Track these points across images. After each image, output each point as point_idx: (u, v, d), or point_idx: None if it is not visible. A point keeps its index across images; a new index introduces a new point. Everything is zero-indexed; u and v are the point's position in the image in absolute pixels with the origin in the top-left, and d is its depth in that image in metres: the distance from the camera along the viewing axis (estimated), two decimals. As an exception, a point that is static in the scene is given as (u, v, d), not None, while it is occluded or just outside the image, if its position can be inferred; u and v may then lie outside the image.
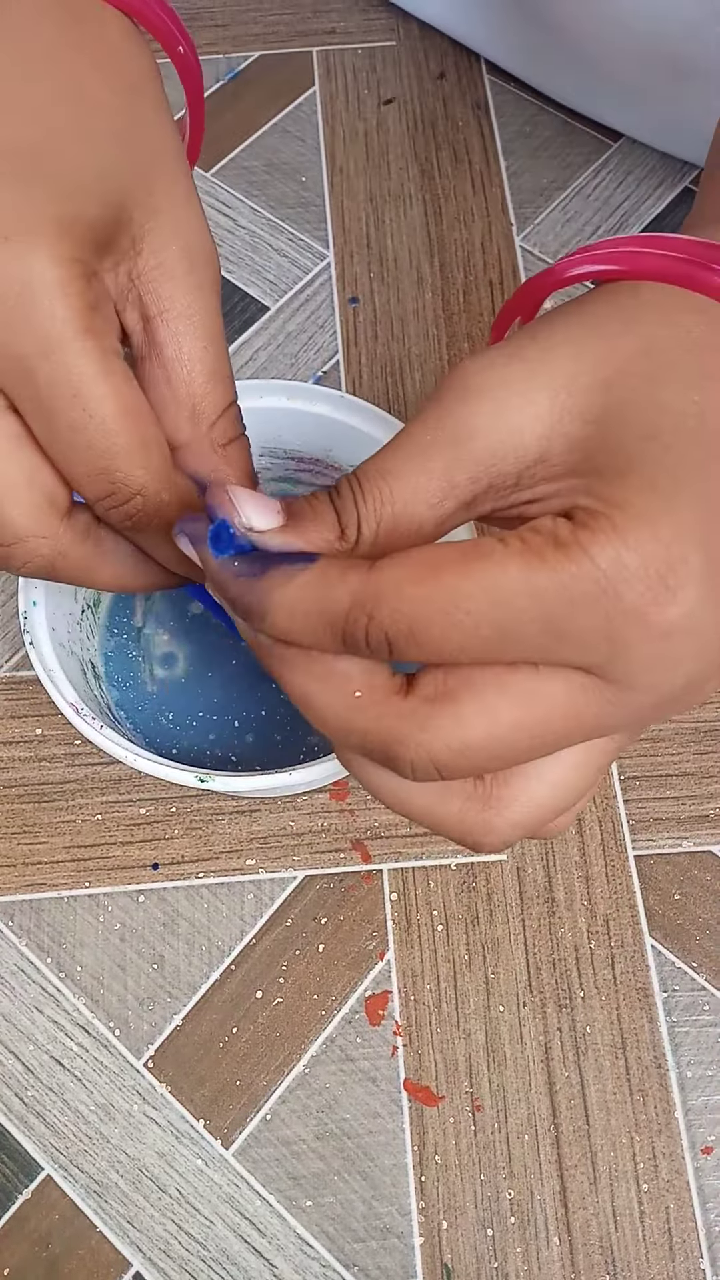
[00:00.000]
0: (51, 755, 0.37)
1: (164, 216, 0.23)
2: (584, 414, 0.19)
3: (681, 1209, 0.31)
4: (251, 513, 0.20)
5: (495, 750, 0.19)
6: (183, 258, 0.24)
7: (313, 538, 0.20)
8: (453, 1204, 0.31)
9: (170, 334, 0.24)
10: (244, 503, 0.20)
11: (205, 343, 0.24)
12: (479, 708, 0.19)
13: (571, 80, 0.50)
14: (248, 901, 0.35)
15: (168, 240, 0.23)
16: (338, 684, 0.20)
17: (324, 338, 0.46)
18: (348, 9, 0.55)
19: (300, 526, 0.20)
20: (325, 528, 0.20)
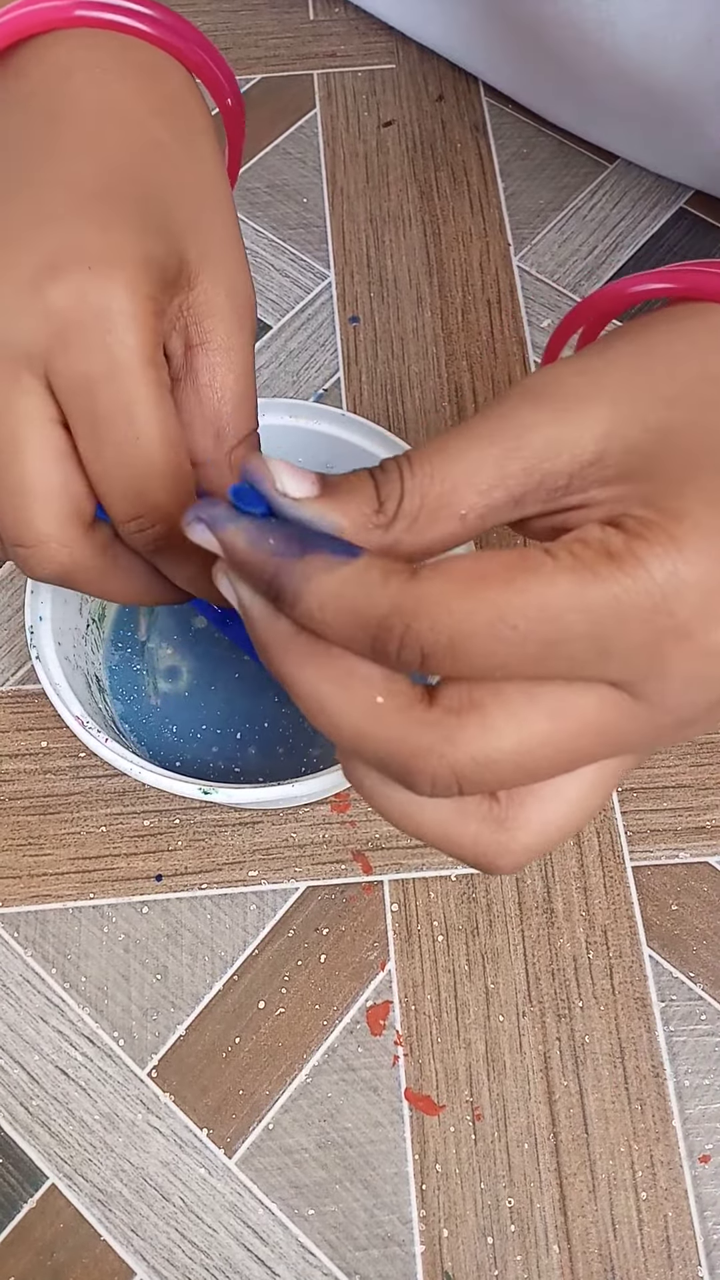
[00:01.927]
0: (56, 768, 0.38)
1: (214, 257, 0.25)
2: (644, 422, 0.19)
3: (680, 1217, 0.31)
4: (287, 479, 0.20)
5: (521, 764, 0.18)
6: (227, 296, 0.25)
7: (348, 509, 0.19)
8: (453, 1212, 0.32)
9: (207, 363, 0.25)
10: (279, 469, 0.20)
11: (238, 374, 0.26)
12: (508, 720, 0.18)
13: (568, 104, 0.51)
14: (250, 912, 0.35)
15: (216, 279, 0.25)
16: (358, 688, 0.19)
17: (325, 356, 0.46)
18: (348, 33, 0.56)
19: (335, 497, 0.19)
20: (362, 500, 0.19)
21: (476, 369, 0.46)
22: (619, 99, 0.47)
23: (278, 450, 0.37)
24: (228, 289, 0.25)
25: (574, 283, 0.48)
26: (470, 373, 0.46)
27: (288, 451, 0.37)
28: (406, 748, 0.19)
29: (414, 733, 0.19)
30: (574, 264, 0.49)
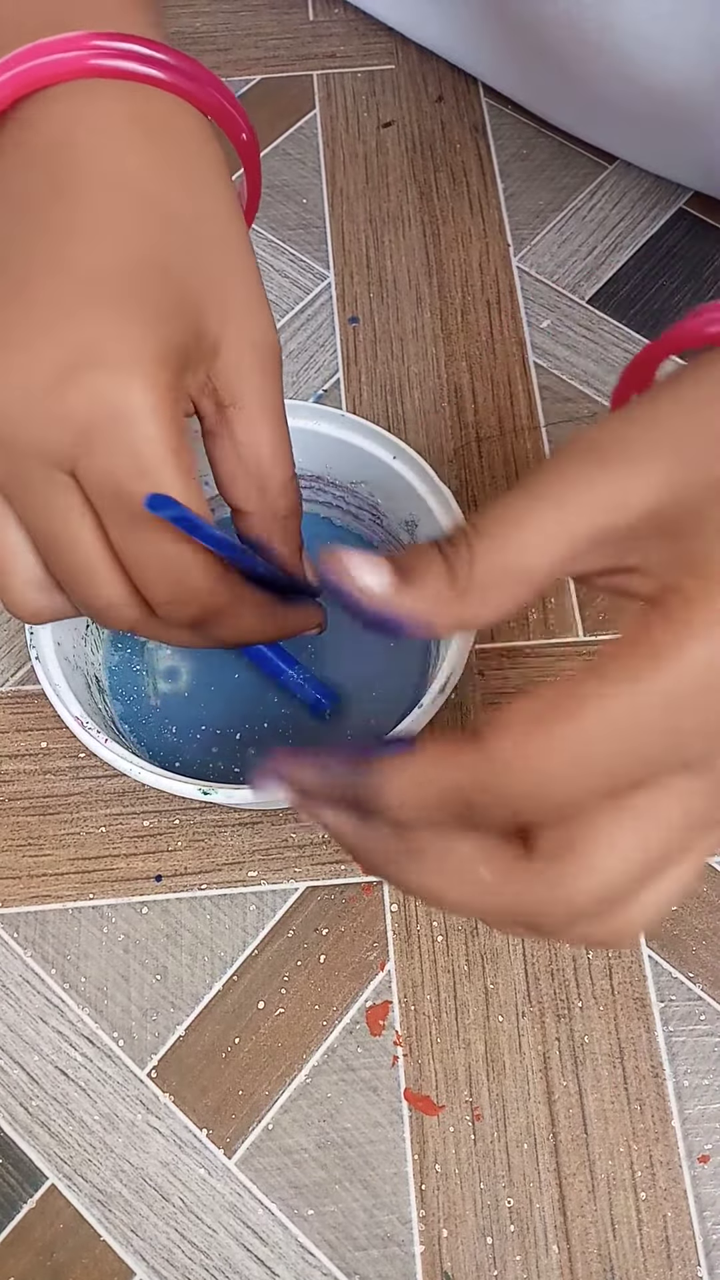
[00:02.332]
0: (56, 768, 0.38)
1: (236, 318, 0.25)
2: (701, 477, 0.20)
3: (679, 1217, 0.31)
4: (364, 573, 0.21)
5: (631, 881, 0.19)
6: (253, 354, 0.26)
7: (424, 591, 0.20)
8: (453, 1212, 0.32)
9: (242, 420, 0.26)
10: (355, 565, 0.21)
11: (271, 425, 0.26)
12: (608, 853, 0.19)
13: (568, 105, 0.51)
14: (250, 913, 0.36)
15: (240, 340, 0.25)
16: (463, 874, 0.20)
17: (324, 357, 0.46)
18: (348, 33, 0.56)
19: (410, 581, 0.20)
20: (435, 578, 0.20)
21: (476, 369, 0.46)
22: (619, 100, 0.47)
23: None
24: (252, 345, 0.26)
25: (573, 283, 0.48)
26: (470, 373, 0.46)
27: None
28: (524, 908, 0.20)
29: (526, 895, 0.20)
30: (573, 264, 0.49)
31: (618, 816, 0.19)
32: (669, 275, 0.48)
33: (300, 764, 0.21)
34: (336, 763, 0.20)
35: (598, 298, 0.48)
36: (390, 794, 0.20)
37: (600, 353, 0.46)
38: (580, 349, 0.46)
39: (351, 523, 0.40)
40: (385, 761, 0.20)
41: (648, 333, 0.47)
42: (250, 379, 0.26)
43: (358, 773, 0.20)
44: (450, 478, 0.43)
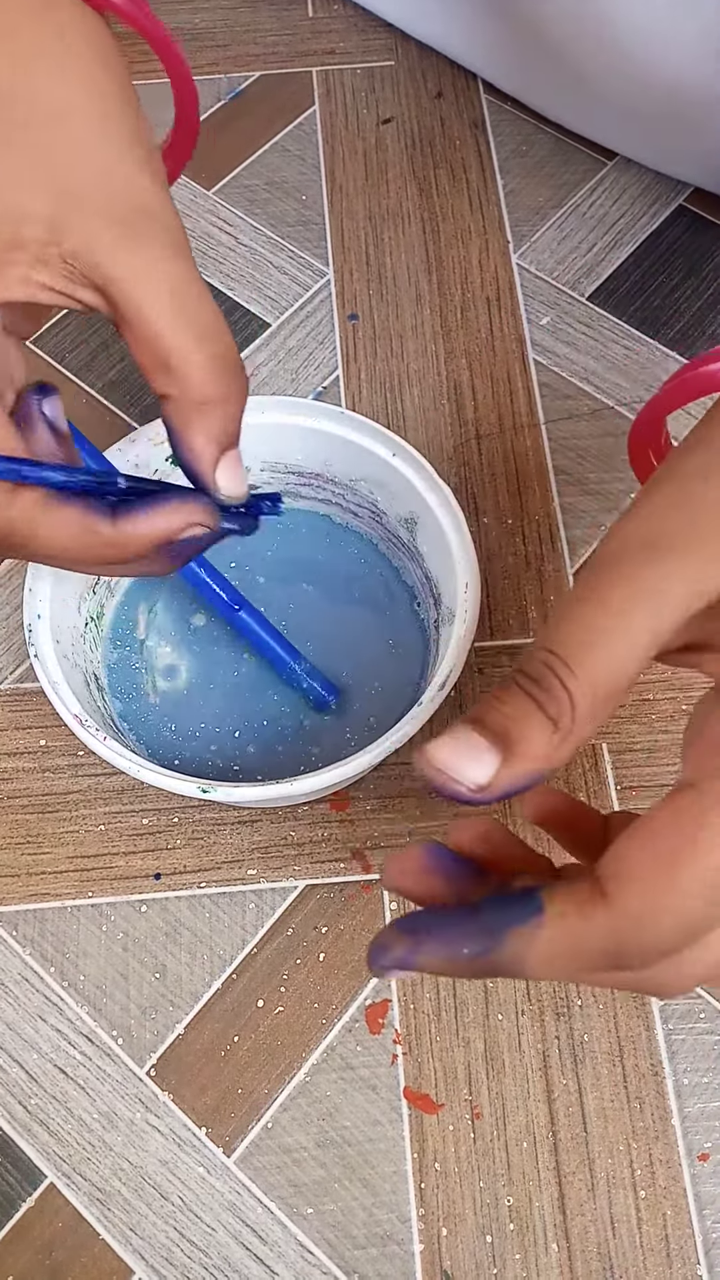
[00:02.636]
0: (55, 766, 0.38)
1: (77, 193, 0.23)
2: None
3: (678, 1215, 0.31)
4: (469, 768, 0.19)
5: None
6: (111, 227, 0.23)
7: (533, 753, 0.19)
8: (452, 1211, 0.32)
9: (122, 298, 0.24)
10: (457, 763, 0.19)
11: (157, 298, 0.24)
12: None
13: (567, 100, 0.51)
14: (249, 911, 0.35)
15: (91, 217, 0.23)
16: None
17: (324, 354, 0.46)
18: (347, 29, 0.56)
19: (514, 749, 0.19)
20: (539, 733, 0.19)
21: (475, 367, 0.46)
22: (618, 96, 0.47)
23: (277, 449, 0.37)
24: (108, 217, 0.23)
25: (573, 280, 0.48)
26: (469, 370, 0.46)
27: (286, 450, 0.37)
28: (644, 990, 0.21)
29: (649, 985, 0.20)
30: (573, 261, 0.49)
31: None
32: (669, 272, 0.48)
33: (424, 949, 0.20)
34: (464, 942, 0.19)
35: (598, 294, 0.48)
36: (530, 968, 0.19)
37: (600, 350, 0.46)
38: (580, 346, 0.46)
39: (351, 520, 0.40)
40: (516, 935, 0.19)
41: (648, 330, 0.47)
42: (115, 254, 0.23)
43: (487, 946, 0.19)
44: (450, 475, 0.43)
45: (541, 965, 0.19)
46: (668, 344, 0.46)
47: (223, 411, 0.25)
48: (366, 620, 0.38)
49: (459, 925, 0.20)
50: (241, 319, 0.47)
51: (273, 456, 0.38)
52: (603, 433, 0.44)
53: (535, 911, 0.19)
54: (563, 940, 0.19)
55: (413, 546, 0.36)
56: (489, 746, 0.19)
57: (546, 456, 0.44)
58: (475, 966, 0.20)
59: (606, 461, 0.43)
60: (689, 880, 0.18)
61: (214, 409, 0.25)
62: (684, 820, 0.18)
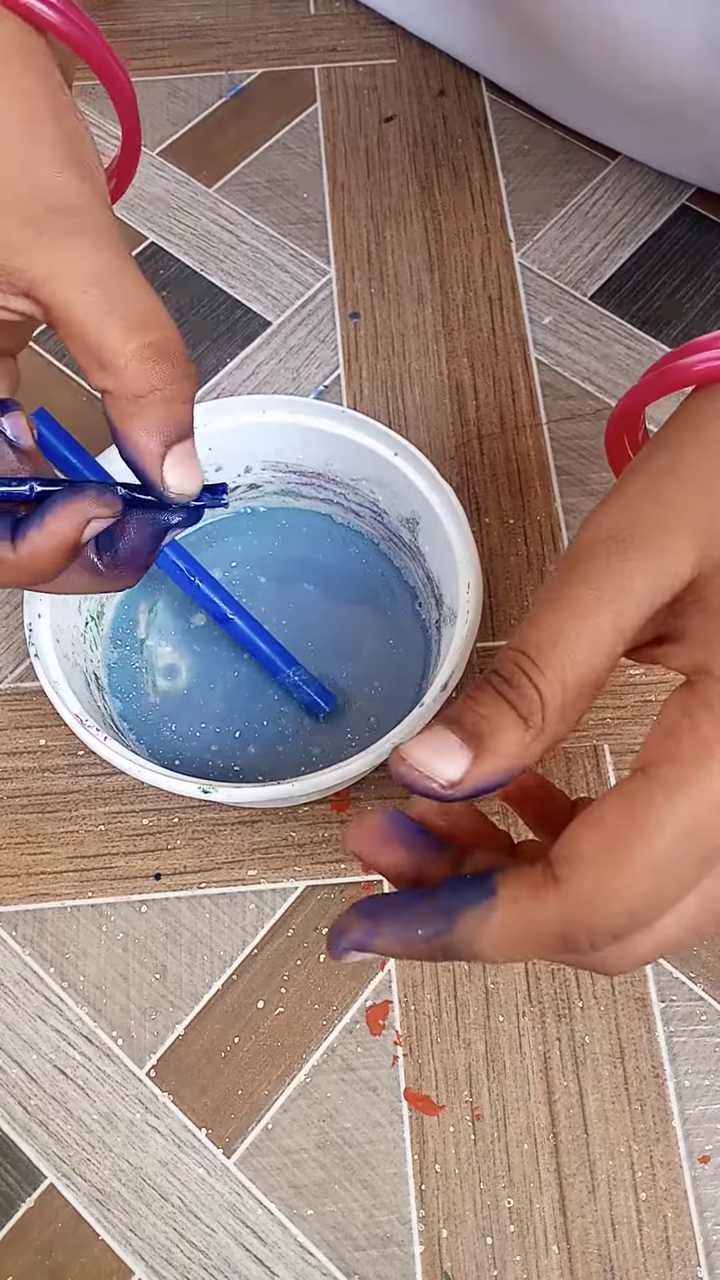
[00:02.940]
0: (55, 766, 0.38)
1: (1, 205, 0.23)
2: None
3: (679, 1218, 0.31)
4: (441, 764, 0.20)
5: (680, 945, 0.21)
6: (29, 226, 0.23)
7: (505, 750, 0.20)
8: (452, 1212, 0.32)
9: (47, 295, 0.23)
10: (428, 758, 0.20)
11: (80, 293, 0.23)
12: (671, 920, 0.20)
13: (570, 99, 0.51)
14: (249, 912, 0.35)
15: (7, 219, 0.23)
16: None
17: (325, 352, 0.46)
18: (348, 27, 0.56)
19: (486, 746, 0.20)
20: (510, 731, 0.20)
21: (477, 365, 0.46)
22: (620, 95, 0.47)
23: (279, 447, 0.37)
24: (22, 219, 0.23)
25: (575, 279, 0.48)
26: (471, 369, 0.45)
27: (288, 448, 0.37)
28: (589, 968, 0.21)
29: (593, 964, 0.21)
30: (575, 260, 0.49)
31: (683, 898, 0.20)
32: (671, 271, 0.48)
33: (380, 932, 0.20)
34: (420, 927, 0.20)
35: (600, 294, 0.48)
36: (480, 947, 0.20)
37: (602, 349, 0.46)
38: (582, 345, 0.46)
39: (352, 520, 0.39)
40: (469, 918, 0.20)
41: (650, 329, 0.47)
42: (33, 254, 0.23)
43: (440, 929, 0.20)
44: (451, 474, 0.43)
45: (493, 947, 0.20)
46: (670, 344, 0.46)
47: (164, 403, 0.24)
48: (368, 620, 0.38)
49: (414, 908, 0.20)
50: (243, 317, 0.47)
51: (274, 456, 0.38)
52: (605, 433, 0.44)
53: (488, 894, 0.19)
54: (514, 923, 0.19)
55: (414, 546, 0.36)
56: (461, 745, 0.20)
57: (548, 456, 0.43)
58: (431, 949, 0.20)
59: (608, 461, 0.43)
60: (636, 864, 0.18)
61: (154, 401, 0.24)
62: (633, 805, 0.19)
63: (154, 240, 0.50)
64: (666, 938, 0.20)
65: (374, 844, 0.22)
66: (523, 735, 0.20)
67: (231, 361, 0.46)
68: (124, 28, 0.57)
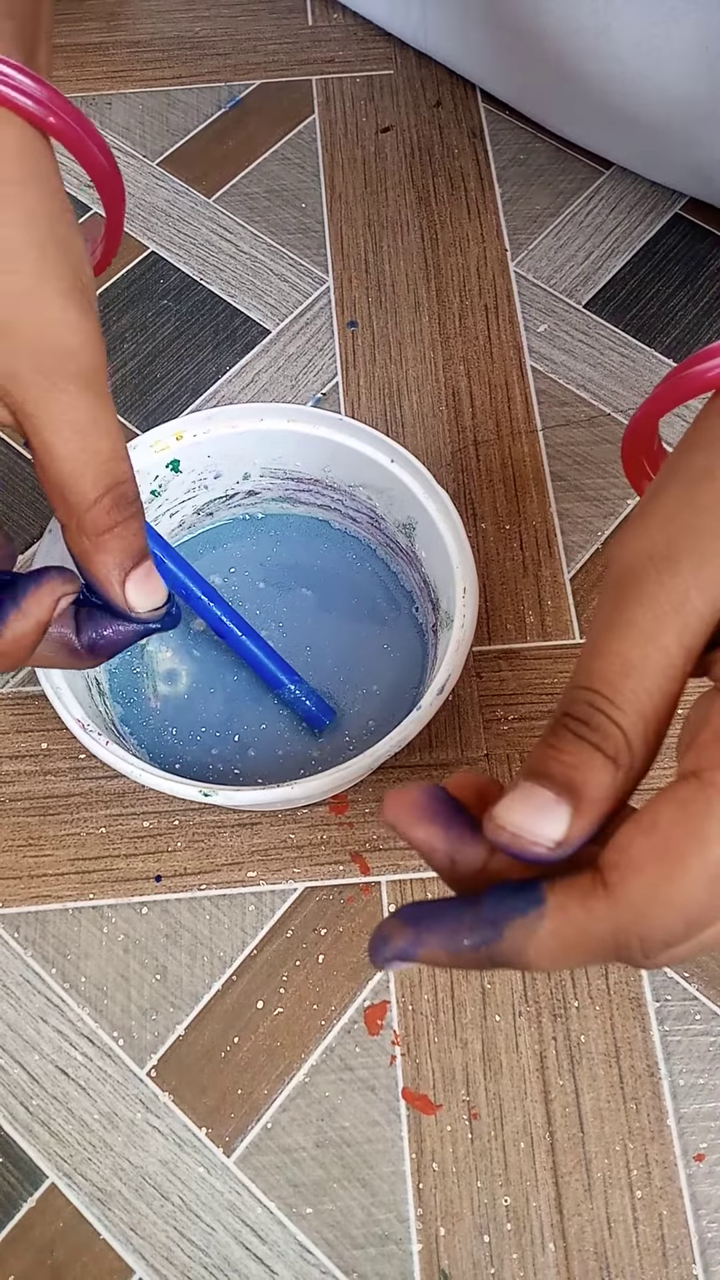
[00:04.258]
0: (56, 769, 0.38)
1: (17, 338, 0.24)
2: None
3: (674, 1215, 0.32)
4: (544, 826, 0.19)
5: None
6: (31, 363, 0.24)
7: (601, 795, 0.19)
8: (450, 1211, 0.32)
9: (31, 429, 0.25)
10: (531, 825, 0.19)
11: (64, 439, 0.25)
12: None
13: (565, 110, 0.51)
14: (249, 913, 0.36)
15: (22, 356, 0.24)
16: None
17: (323, 360, 0.47)
18: (346, 38, 0.57)
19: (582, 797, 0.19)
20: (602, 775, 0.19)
21: (474, 373, 0.46)
22: (615, 106, 0.47)
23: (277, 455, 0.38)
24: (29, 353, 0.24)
25: (570, 288, 0.49)
26: (467, 377, 0.46)
27: (286, 456, 0.38)
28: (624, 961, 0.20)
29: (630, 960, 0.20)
30: (570, 269, 0.49)
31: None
32: (665, 280, 0.49)
33: (425, 941, 0.20)
34: (465, 933, 0.19)
35: (594, 302, 0.48)
36: (529, 958, 0.19)
37: (597, 357, 0.47)
38: (577, 353, 0.47)
39: (350, 526, 0.40)
40: (517, 927, 0.19)
41: (644, 337, 0.47)
42: (30, 391, 0.24)
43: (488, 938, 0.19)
44: (448, 480, 0.43)
45: (543, 957, 0.19)
46: (664, 351, 0.47)
47: (119, 538, 0.26)
48: (365, 625, 0.39)
49: (459, 916, 0.20)
50: (241, 326, 0.48)
51: (272, 462, 0.38)
52: (599, 439, 0.45)
53: (536, 903, 0.19)
54: (564, 932, 0.19)
55: (411, 552, 0.37)
56: (557, 799, 0.19)
57: (544, 462, 0.44)
58: (476, 958, 0.19)
59: (603, 467, 0.44)
60: (694, 872, 0.18)
61: (112, 537, 0.26)
62: (688, 811, 0.18)
63: (154, 250, 0.50)
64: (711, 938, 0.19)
65: (411, 817, 0.21)
66: (615, 776, 0.19)
67: (231, 369, 0.47)
68: (124, 39, 0.57)
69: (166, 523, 0.39)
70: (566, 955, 0.19)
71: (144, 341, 0.47)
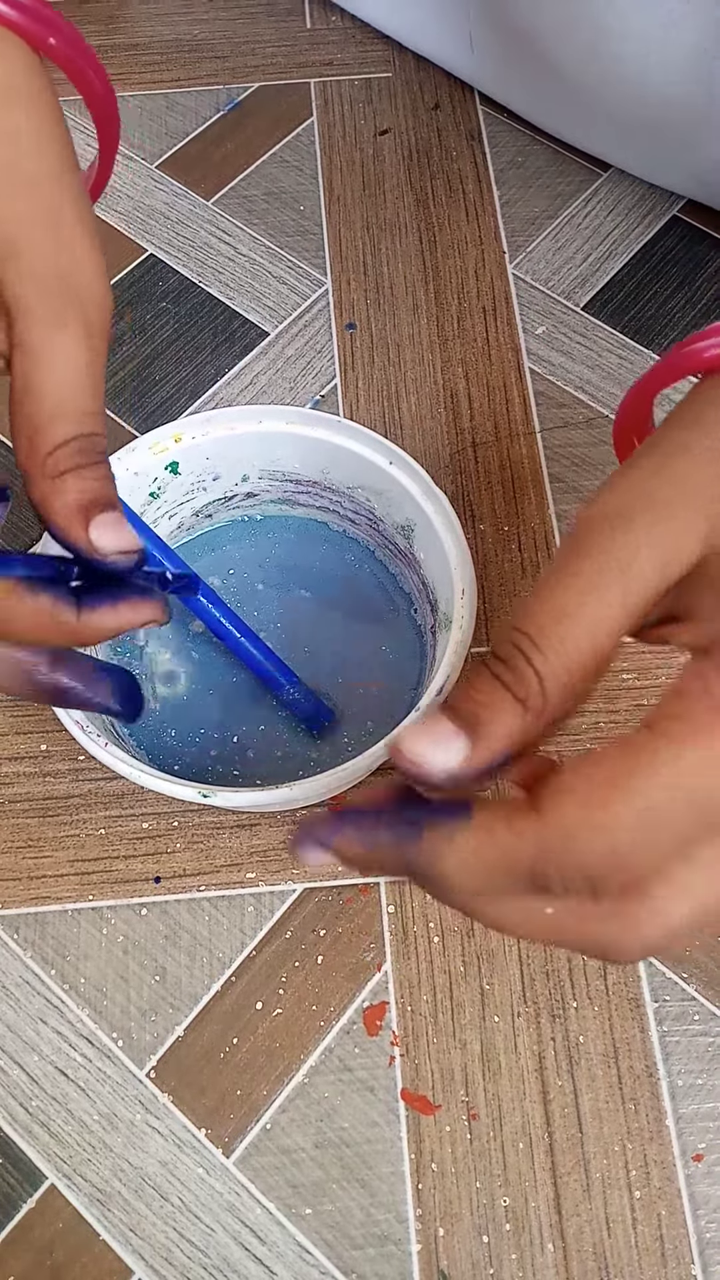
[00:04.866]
0: (56, 771, 0.38)
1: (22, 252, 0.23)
2: None
3: (673, 1215, 0.32)
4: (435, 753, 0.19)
5: (697, 925, 0.19)
6: (38, 294, 0.23)
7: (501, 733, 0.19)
8: (449, 1211, 0.32)
9: (20, 368, 0.24)
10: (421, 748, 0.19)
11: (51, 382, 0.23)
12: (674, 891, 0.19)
13: (563, 112, 0.51)
14: (248, 914, 0.36)
15: (23, 277, 0.23)
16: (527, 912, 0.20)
17: (322, 363, 0.47)
18: (344, 41, 0.57)
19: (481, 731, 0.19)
20: (507, 714, 0.19)
21: (472, 375, 0.46)
22: (613, 108, 0.47)
23: (276, 457, 0.38)
24: (40, 285, 0.23)
25: (568, 290, 0.49)
26: (466, 379, 0.46)
27: (285, 458, 0.38)
28: (597, 945, 0.19)
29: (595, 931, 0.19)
30: (568, 271, 0.49)
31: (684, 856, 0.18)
32: (663, 282, 0.49)
33: (344, 832, 0.20)
34: (385, 831, 0.19)
35: (592, 304, 0.48)
36: (446, 867, 0.19)
37: (595, 359, 0.47)
38: (575, 355, 0.47)
39: (349, 527, 0.40)
40: (438, 832, 0.19)
41: (642, 339, 0.47)
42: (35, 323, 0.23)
43: (407, 842, 0.19)
44: (446, 482, 0.43)
45: (460, 872, 0.19)
46: (661, 353, 0.47)
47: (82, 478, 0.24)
48: (363, 626, 0.39)
49: (383, 814, 0.20)
50: (240, 328, 0.48)
51: (271, 464, 0.38)
52: (597, 440, 0.45)
53: (463, 815, 0.19)
54: (485, 851, 0.18)
55: (410, 553, 0.37)
56: (456, 732, 0.19)
57: (542, 464, 0.44)
58: (394, 859, 0.19)
59: (602, 469, 0.44)
60: (624, 803, 0.17)
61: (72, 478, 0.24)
62: (633, 750, 0.18)
63: (153, 252, 0.50)
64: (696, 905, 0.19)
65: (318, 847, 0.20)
66: (522, 719, 0.19)
67: (229, 371, 0.47)
68: (123, 42, 0.57)
69: (165, 524, 0.39)
70: (483, 874, 0.19)
71: (143, 344, 0.48)
